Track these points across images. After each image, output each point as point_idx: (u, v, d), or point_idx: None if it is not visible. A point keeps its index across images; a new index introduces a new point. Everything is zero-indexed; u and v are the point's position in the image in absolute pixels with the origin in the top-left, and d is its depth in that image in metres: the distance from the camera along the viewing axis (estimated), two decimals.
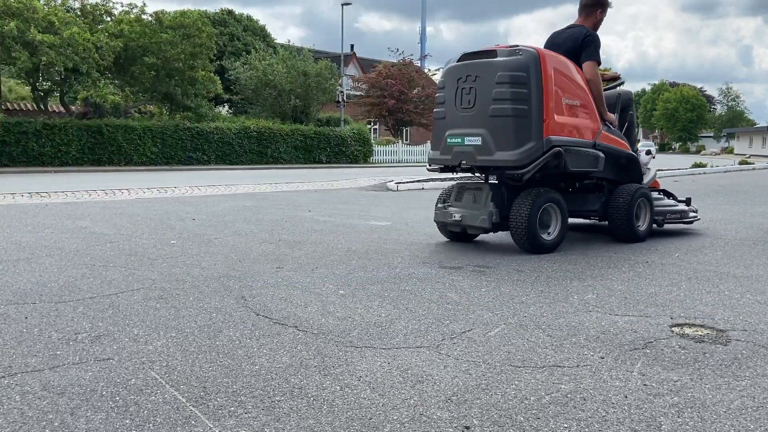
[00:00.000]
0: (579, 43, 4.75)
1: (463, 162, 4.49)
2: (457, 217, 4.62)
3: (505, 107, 4.21)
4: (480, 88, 4.34)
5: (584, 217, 5.39)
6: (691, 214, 5.62)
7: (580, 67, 4.65)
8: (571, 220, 4.77)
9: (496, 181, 4.67)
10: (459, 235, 4.88)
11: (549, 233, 4.51)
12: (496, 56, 4.35)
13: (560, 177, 4.80)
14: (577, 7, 5.05)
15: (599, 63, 4.77)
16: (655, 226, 5.26)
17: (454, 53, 4.81)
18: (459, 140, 4.47)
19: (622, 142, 4.97)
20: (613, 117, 4.92)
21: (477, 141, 4.35)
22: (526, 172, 4.22)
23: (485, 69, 4.35)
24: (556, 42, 4.92)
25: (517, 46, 4.34)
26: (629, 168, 5.10)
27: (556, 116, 4.28)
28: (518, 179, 4.41)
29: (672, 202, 5.64)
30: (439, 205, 4.87)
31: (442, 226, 4.96)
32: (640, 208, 5.00)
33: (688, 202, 5.73)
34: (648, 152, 6.10)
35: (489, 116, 4.28)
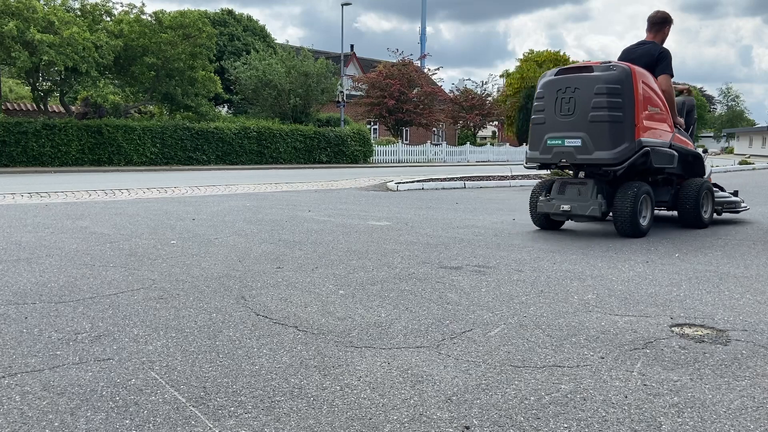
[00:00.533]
0: (654, 59, 5.51)
1: (563, 160, 5.25)
2: (566, 207, 5.27)
3: (603, 114, 4.95)
4: (579, 97, 5.08)
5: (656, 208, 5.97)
6: (742, 205, 6.42)
7: (657, 79, 5.41)
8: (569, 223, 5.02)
9: (591, 178, 5.37)
10: (548, 223, 5.67)
11: (644, 219, 5.25)
12: (592, 71, 5.09)
13: (643, 172, 5.49)
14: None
15: (672, 75, 5.55)
16: (714, 215, 6.06)
17: (454, 53, 4.98)
18: (559, 142, 5.20)
19: (689, 142, 5.80)
20: (681, 121, 5.75)
21: (577, 142, 5.09)
22: (621, 169, 4.97)
23: (584, 82, 5.08)
24: (630, 57, 5.59)
25: (610, 62, 5.11)
26: (695, 164, 5.93)
27: (644, 121, 5.04)
28: (613, 174, 5.15)
29: (726, 194, 6.39)
30: (542, 198, 5.54)
31: (543, 216, 5.62)
32: (704, 199, 5.76)
33: (736, 194, 6.47)
34: (705, 151, 7.05)
35: (588, 122, 5.02)
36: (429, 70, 40.43)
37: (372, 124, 38.95)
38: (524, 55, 45.71)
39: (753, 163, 25.01)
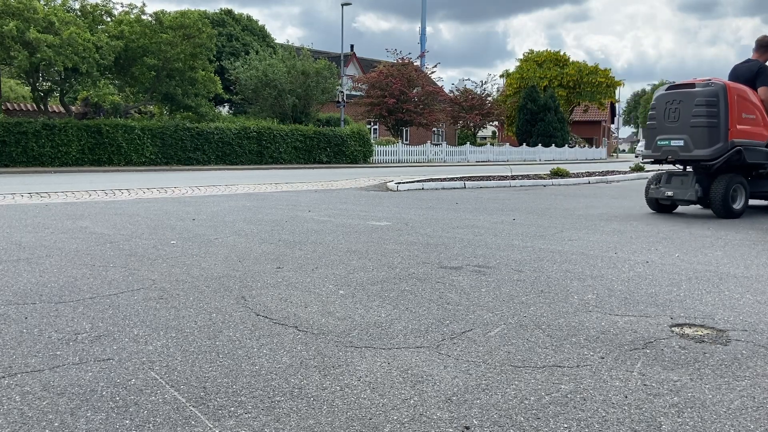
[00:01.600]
0: (754, 74, 6.87)
1: (669, 156, 6.76)
2: (669, 193, 6.88)
3: (702, 120, 6.37)
4: (683, 108, 6.54)
5: (758, 198, 7.32)
6: None
7: (755, 91, 6.74)
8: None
9: (692, 171, 6.80)
10: (663, 208, 7.22)
11: (737, 204, 6.71)
12: (694, 87, 6.53)
13: (743, 168, 6.78)
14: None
15: None
16: None
17: (453, 53, 4.97)
18: (666, 142, 6.71)
19: None
20: None
21: (680, 143, 6.57)
22: (716, 163, 6.40)
23: (687, 96, 6.55)
24: (737, 73, 7.05)
25: (710, 79, 6.45)
26: None
27: (737, 126, 6.38)
28: (709, 168, 6.56)
29: None
30: (653, 187, 7.10)
31: (653, 201, 7.22)
32: None
33: None
34: None
35: (690, 126, 6.48)
36: (428, 68, 40.42)
37: (372, 124, 38.95)
38: (524, 55, 45.75)
39: None
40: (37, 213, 6.72)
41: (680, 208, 7.53)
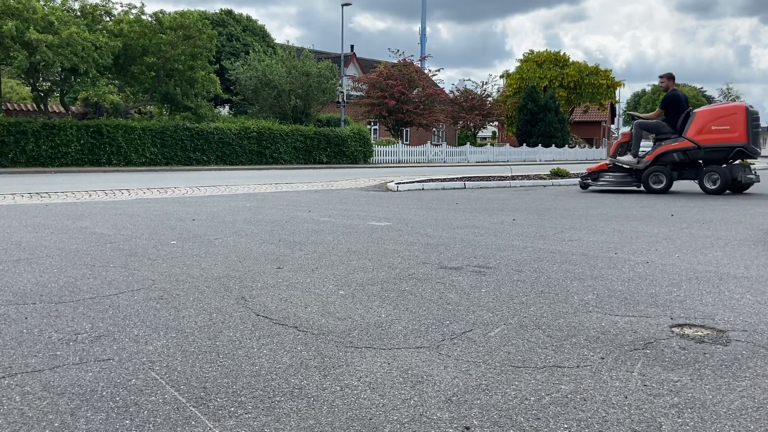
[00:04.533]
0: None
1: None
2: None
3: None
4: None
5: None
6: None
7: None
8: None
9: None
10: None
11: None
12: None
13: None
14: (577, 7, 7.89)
15: None
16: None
17: (452, 53, 4.97)
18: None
19: None
20: None
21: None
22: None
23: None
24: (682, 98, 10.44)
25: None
26: None
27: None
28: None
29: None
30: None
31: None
32: None
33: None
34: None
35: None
36: (430, 71, 40.41)
37: (372, 124, 38.94)
38: (524, 55, 45.75)
39: (753, 164, 24.96)
40: (37, 213, 6.72)
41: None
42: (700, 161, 10.29)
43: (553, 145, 39.87)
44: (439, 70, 43.04)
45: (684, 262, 4.13)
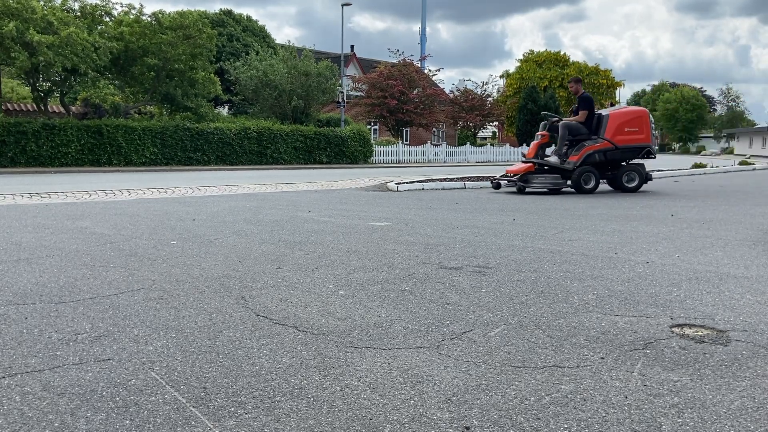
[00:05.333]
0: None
1: None
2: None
3: None
4: None
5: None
6: None
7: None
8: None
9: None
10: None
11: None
12: None
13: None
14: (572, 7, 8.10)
15: None
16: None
17: (451, 53, 4.98)
18: None
19: None
20: None
21: None
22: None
23: None
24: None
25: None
26: None
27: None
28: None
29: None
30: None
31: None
32: None
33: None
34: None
35: None
36: (430, 71, 40.41)
37: (372, 124, 38.94)
38: (524, 55, 45.79)
39: (753, 164, 25.02)
40: (37, 213, 6.72)
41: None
42: (614, 161, 10.66)
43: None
44: (439, 70, 43.11)
45: (684, 262, 4.13)
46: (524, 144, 39.09)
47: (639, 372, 2.14)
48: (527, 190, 10.46)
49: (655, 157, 11.00)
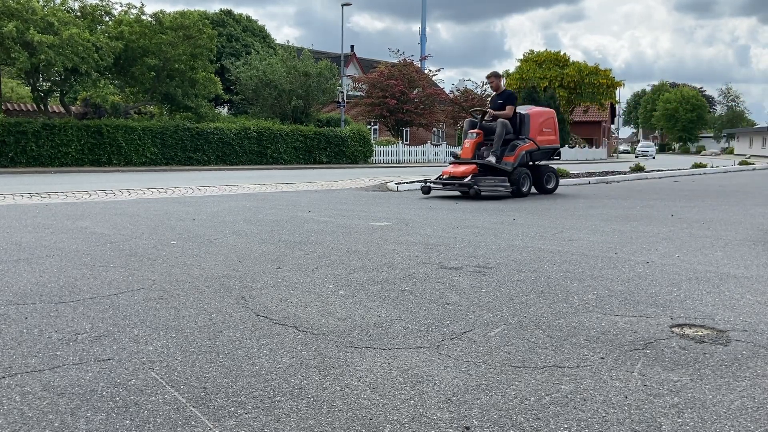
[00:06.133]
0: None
1: None
2: None
3: None
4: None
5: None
6: None
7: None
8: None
9: None
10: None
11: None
12: None
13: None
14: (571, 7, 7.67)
15: None
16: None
17: (451, 53, 4.99)
18: None
19: None
20: None
21: None
22: None
23: None
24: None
25: None
26: None
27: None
28: None
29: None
30: None
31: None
32: None
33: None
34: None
35: None
36: (430, 71, 40.40)
37: (372, 124, 38.92)
38: (524, 55, 45.77)
39: (753, 164, 25.02)
40: (37, 213, 6.72)
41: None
42: (534, 162, 10.23)
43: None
44: (439, 70, 43.08)
45: (684, 262, 4.13)
46: None
47: (639, 372, 2.14)
48: (483, 193, 9.11)
49: (559, 158, 10.62)
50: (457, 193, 9.59)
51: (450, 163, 9.94)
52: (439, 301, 3.06)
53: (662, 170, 18.33)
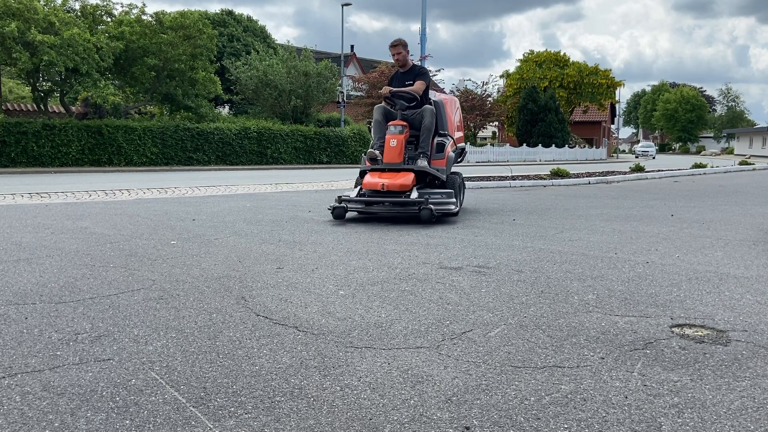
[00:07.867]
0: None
1: None
2: None
3: None
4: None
5: None
6: None
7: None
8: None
9: None
10: None
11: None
12: None
13: None
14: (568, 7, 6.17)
15: None
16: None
17: (450, 53, 5.00)
18: None
19: None
20: None
21: None
22: None
23: None
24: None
25: None
26: None
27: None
28: None
29: None
30: None
31: None
32: None
33: None
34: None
35: None
36: (430, 71, 40.42)
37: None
38: (524, 55, 45.74)
39: (753, 164, 25.02)
40: (37, 213, 6.72)
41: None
42: None
43: (554, 145, 39.83)
44: (439, 71, 43.06)
45: (684, 262, 4.13)
46: (524, 144, 39.10)
47: (639, 372, 2.14)
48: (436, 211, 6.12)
49: (463, 161, 7.90)
50: (384, 214, 6.40)
51: (369, 171, 6.38)
52: (439, 301, 3.06)
53: (662, 170, 18.34)
